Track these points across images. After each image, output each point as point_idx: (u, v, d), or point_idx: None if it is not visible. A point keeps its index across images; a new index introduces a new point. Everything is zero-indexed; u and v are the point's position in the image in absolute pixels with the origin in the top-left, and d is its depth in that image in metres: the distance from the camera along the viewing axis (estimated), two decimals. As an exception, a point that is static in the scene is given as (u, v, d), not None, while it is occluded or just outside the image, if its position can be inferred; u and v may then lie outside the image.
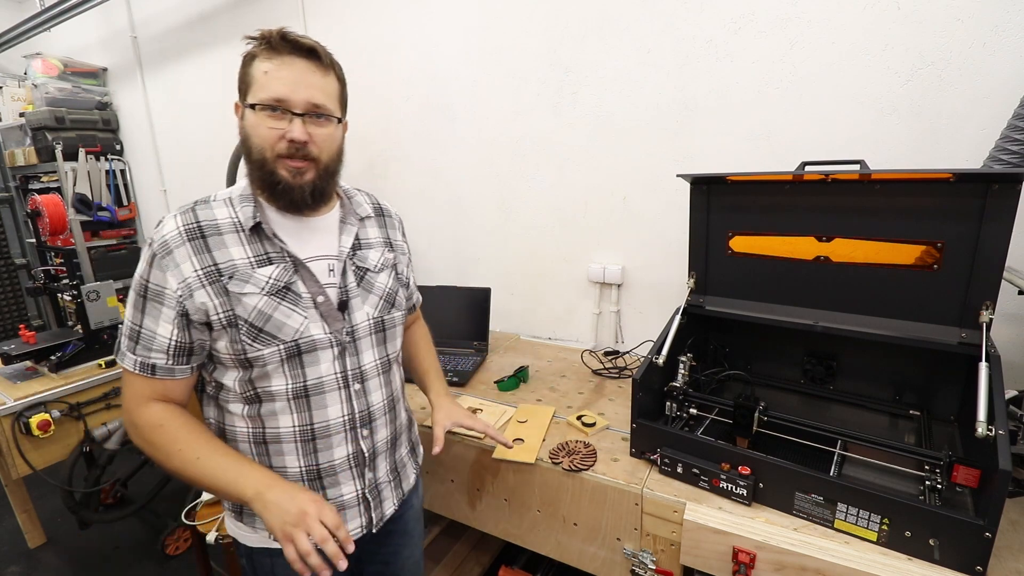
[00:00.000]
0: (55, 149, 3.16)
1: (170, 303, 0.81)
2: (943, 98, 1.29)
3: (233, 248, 0.83)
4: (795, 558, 0.90)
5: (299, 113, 0.82)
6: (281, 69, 0.81)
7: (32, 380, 1.98)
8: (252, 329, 0.82)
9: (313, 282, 0.88)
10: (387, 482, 1.01)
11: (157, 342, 0.82)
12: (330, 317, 0.89)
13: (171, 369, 0.84)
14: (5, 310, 3.80)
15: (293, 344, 0.85)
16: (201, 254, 0.81)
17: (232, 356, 0.84)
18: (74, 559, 2.17)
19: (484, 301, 1.89)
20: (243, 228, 0.84)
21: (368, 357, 0.94)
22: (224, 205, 0.86)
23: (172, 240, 0.81)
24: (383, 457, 0.99)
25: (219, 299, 0.81)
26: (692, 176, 1.26)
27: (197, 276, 0.80)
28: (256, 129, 0.82)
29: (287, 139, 0.81)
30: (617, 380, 1.62)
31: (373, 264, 0.97)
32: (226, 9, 2.65)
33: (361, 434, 0.94)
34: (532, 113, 1.89)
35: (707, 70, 1.56)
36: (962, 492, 0.95)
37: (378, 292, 0.97)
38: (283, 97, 0.81)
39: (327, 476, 0.92)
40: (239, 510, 0.95)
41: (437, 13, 2.00)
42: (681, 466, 1.08)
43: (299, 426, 0.88)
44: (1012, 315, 1.30)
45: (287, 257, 0.86)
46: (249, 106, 0.82)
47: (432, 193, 2.22)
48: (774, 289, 1.27)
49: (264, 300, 0.83)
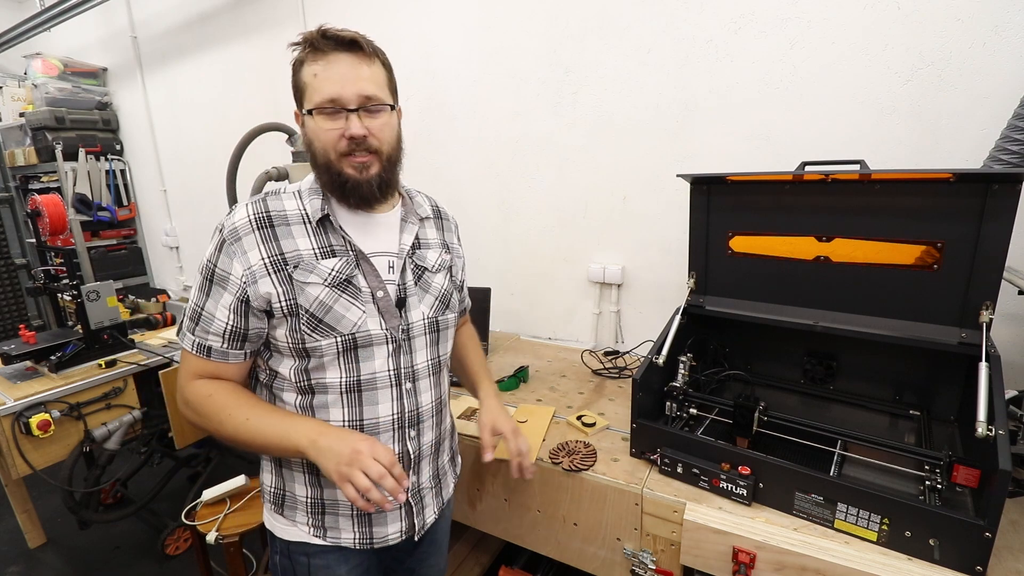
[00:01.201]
0: (55, 149, 3.16)
1: (232, 288, 0.82)
2: (943, 98, 1.29)
3: (300, 239, 0.85)
4: (795, 558, 0.90)
5: (353, 108, 0.82)
6: (329, 68, 0.82)
7: (32, 380, 1.98)
8: (312, 319, 0.84)
9: (374, 277, 0.89)
10: (429, 488, 0.99)
11: (215, 325, 0.84)
12: (388, 313, 0.89)
13: (225, 353, 0.86)
14: (5, 310, 3.80)
15: (350, 337, 0.86)
16: (269, 242, 0.83)
17: (290, 345, 0.85)
18: (74, 559, 2.17)
19: (484, 301, 1.89)
20: (310, 220, 0.86)
21: (421, 357, 0.94)
22: (293, 197, 0.88)
23: (242, 228, 0.83)
24: (427, 461, 0.98)
25: (283, 287, 0.83)
26: (692, 176, 1.26)
27: (263, 263, 0.82)
28: (316, 133, 0.83)
29: (346, 136, 0.82)
30: (617, 380, 1.62)
31: (431, 264, 0.98)
32: (226, 9, 2.65)
33: (409, 435, 0.93)
34: (532, 113, 1.89)
35: (707, 70, 1.56)
36: (962, 492, 0.95)
37: (434, 292, 0.97)
38: (335, 96, 0.81)
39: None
40: (280, 501, 0.94)
41: (437, 13, 2.00)
42: (681, 466, 1.08)
43: (348, 421, 0.88)
44: (1012, 315, 1.30)
45: (351, 251, 0.88)
46: (307, 112, 0.84)
47: (432, 193, 2.20)
48: (774, 289, 1.27)
49: (326, 291, 0.84)
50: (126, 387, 2.06)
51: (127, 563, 2.13)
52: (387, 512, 0.93)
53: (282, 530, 0.95)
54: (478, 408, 1.15)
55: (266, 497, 0.98)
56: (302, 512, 0.93)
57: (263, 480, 0.99)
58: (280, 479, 0.94)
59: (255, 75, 2.65)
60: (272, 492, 0.96)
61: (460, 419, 1.39)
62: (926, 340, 1.10)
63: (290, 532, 0.94)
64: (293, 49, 0.86)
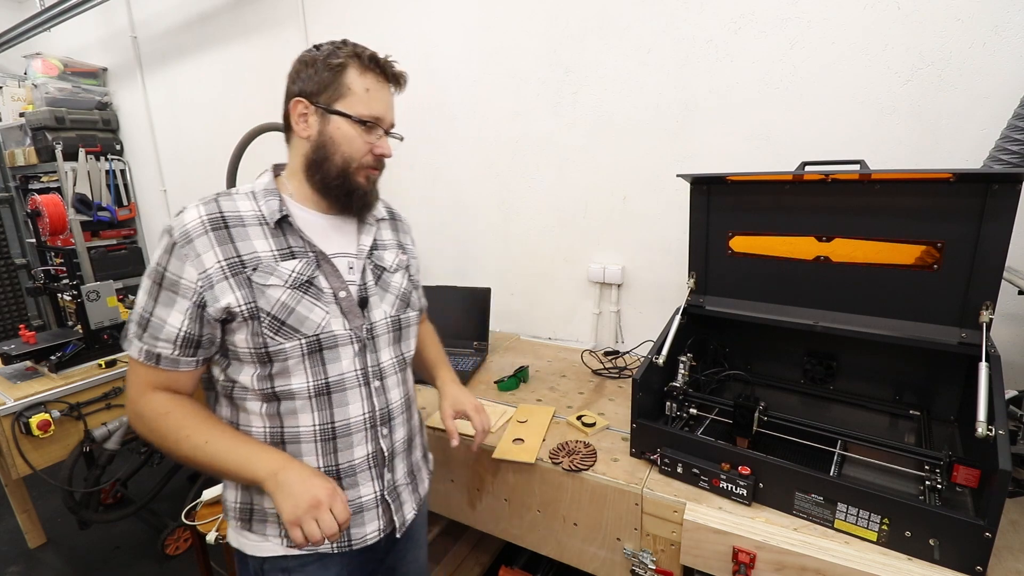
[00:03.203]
0: (55, 149, 3.16)
1: (186, 293, 0.80)
2: (943, 98, 1.29)
3: (257, 241, 0.84)
4: (795, 558, 0.90)
5: (386, 132, 0.91)
6: (381, 91, 0.89)
7: (32, 380, 1.98)
8: (275, 322, 0.82)
9: (336, 277, 0.89)
10: (405, 484, 1.00)
11: (165, 331, 0.80)
12: (351, 313, 0.90)
13: (176, 360, 0.82)
14: (5, 310, 3.80)
15: (315, 339, 0.85)
16: (224, 245, 0.81)
17: (252, 350, 0.83)
18: (74, 559, 2.17)
19: (484, 301, 1.89)
20: (267, 221, 0.85)
21: (386, 355, 0.95)
22: (247, 198, 0.87)
23: (193, 229, 0.80)
24: (401, 458, 0.99)
25: (242, 291, 0.81)
26: (692, 176, 1.26)
27: (220, 267, 0.80)
28: (351, 141, 0.87)
29: (375, 153, 0.90)
30: (617, 380, 1.62)
31: (389, 264, 0.99)
32: (226, 9, 2.65)
33: (381, 432, 0.94)
34: (532, 113, 1.89)
35: (707, 70, 1.56)
36: (962, 492, 0.95)
37: (394, 291, 0.98)
38: (381, 116, 0.89)
39: (346, 476, 0.91)
40: (248, 518, 0.91)
41: (437, 13, 2.00)
42: (681, 466, 1.08)
43: (320, 424, 0.88)
44: (1012, 315, 1.30)
45: (310, 252, 0.87)
46: (340, 114, 0.86)
47: (432, 193, 2.22)
48: (774, 289, 1.27)
49: (287, 293, 0.83)
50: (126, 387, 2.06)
51: (127, 563, 2.13)
52: (364, 512, 0.93)
53: (254, 547, 0.91)
54: (439, 396, 1.16)
55: (231, 515, 0.93)
56: (273, 524, 0.90)
57: (226, 497, 0.94)
58: (247, 493, 0.91)
59: (255, 75, 2.66)
60: (238, 508, 0.92)
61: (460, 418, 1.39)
62: (926, 340, 1.10)
63: (263, 548, 0.91)
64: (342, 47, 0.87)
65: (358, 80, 0.86)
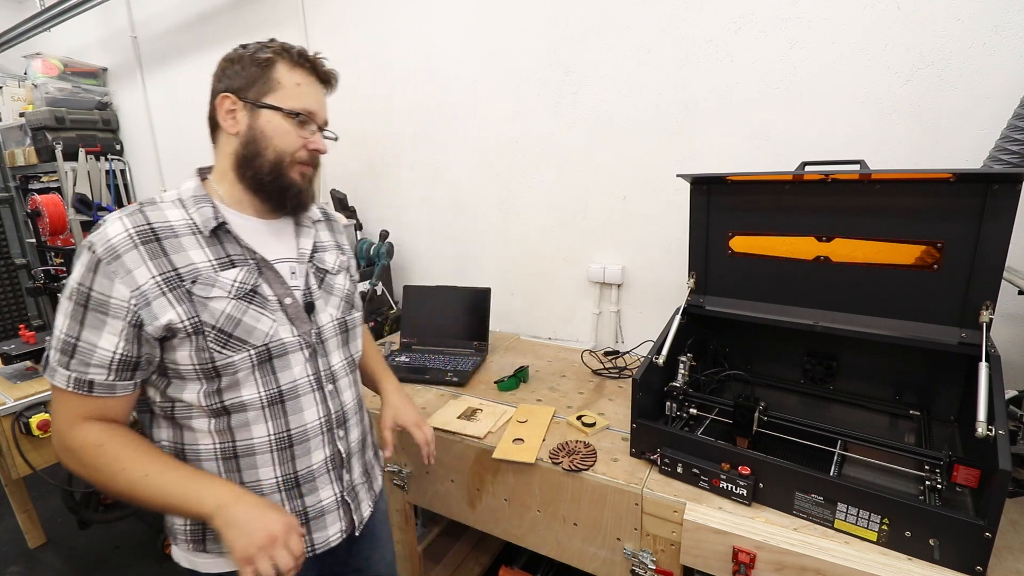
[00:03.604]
0: (55, 149, 3.16)
1: (118, 313, 0.74)
2: (943, 98, 1.29)
3: (192, 251, 0.79)
4: (795, 558, 0.90)
5: (320, 128, 0.90)
6: (312, 86, 0.87)
7: (32, 380, 1.98)
8: (221, 335, 0.79)
9: (279, 284, 0.87)
10: (362, 483, 1.01)
11: (97, 356, 0.74)
12: (298, 319, 0.87)
13: (112, 386, 0.77)
14: (5, 310, 3.80)
15: (264, 348, 0.82)
16: (157, 259, 0.76)
17: (197, 366, 0.78)
18: (74, 559, 2.17)
19: (484, 301, 1.89)
20: (201, 230, 0.81)
21: (336, 358, 0.94)
22: (175, 206, 0.82)
23: (120, 244, 0.74)
24: (357, 458, 0.99)
25: (182, 306, 0.76)
26: (692, 176, 1.26)
27: (155, 283, 0.75)
28: (283, 135, 0.84)
29: (309, 148, 0.87)
30: (617, 380, 1.62)
31: (331, 266, 0.98)
32: (226, 9, 2.65)
33: (338, 435, 0.93)
34: (532, 113, 1.89)
35: (707, 70, 1.56)
36: (962, 492, 0.95)
37: (339, 293, 0.98)
38: (314, 111, 0.87)
39: (306, 483, 0.89)
40: (200, 537, 0.87)
41: (437, 13, 2.00)
42: (681, 466, 1.08)
43: (275, 434, 0.85)
44: (1012, 315, 1.30)
45: (251, 260, 0.84)
46: (270, 107, 0.83)
47: (432, 193, 2.22)
48: (774, 289, 1.27)
49: (232, 304, 0.80)
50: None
51: (127, 563, 2.13)
52: (326, 515, 0.92)
53: (208, 565, 0.88)
54: (381, 404, 1.16)
55: (180, 538, 0.89)
56: None
57: (174, 520, 0.89)
58: None
59: (255, 75, 2.65)
60: (189, 531, 0.88)
61: (460, 419, 1.39)
62: (926, 340, 1.10)
63: (218, 564, 0.88)
64: (269, 44, 0.85)
65: (288, 75, 0.84)
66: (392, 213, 2.34)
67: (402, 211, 2.32)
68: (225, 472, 0.85)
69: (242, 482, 0.85)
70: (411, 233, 2.32)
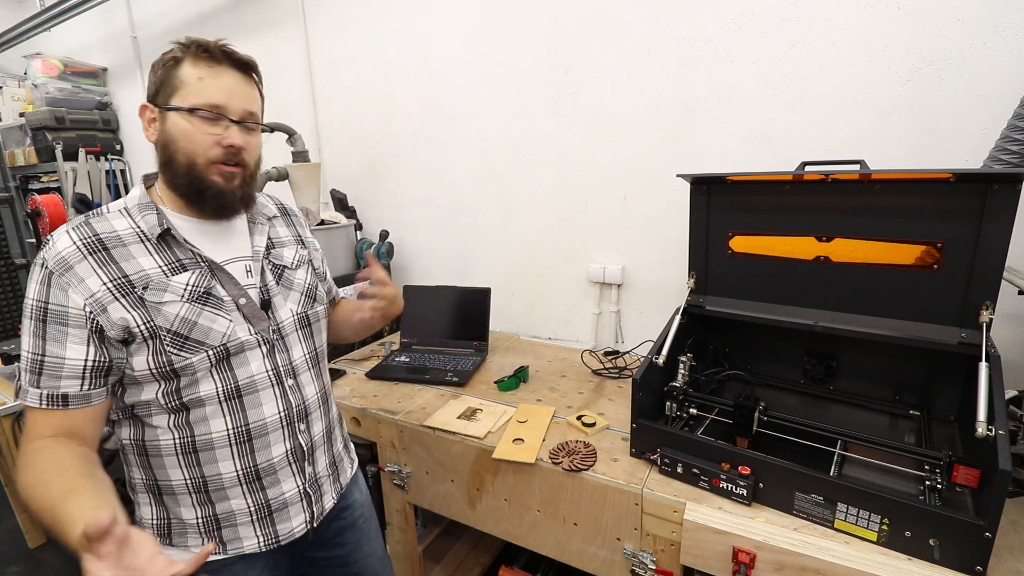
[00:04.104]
0: (55, 149, 3.16)
1: (77, 321, 0.75)
2: (943, 98, 1.29)
3: (142, 258, 0.80)
4: (795, 558, 0.90)
5: (236, 120, 0.83)
6: (218, 78, 0.82)
7: (32, 380, 1.98)
8: (177, 338, 0.79)
9: (232, 285, 0.87)
10: (326, 476, 1.01)
11: (67, 367, 0.75)
12: (255, 318, 0.88)
13: (87, 395, 0.77)
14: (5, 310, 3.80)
15: (222, 348, 0.83)
16: (107, 266, 0.77)
17: (155, 369, 0.79)
18: (74, 559, 2.14)
19: (484, 301, 1.89)
20: (148, 238, 0.81)
21: (297, 352, 0.95)
22: (121, 216, 0.82)
23: (70, 256, 0.75)
24: (321, 451, 1.00)
25: (136, 311, 0.77)
26: (692, 176, 1.26)
27: (107, 289, 0.76)
28: (189, 136, 0.81)
29: (223, 145, 0.82)
30: (617, 380, 1.62)
31: (290, 261, 0.98)
32: (226, 9, 2.65)
33: (299, 428, 0.94)
34: (532, 113, 1.89)
35: (707, 70, 1.56)
36: (962, 492, 0.95)
37: (299, 288, 0.97)
38: (221, 104, 0.81)
39: (267, 476, 0.90)
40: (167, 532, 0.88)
41: (437, 13, 2.00)
42: (681, 466, 1.08)
43: (234, 428, 0.86)
44: (1012, 315, 1.30)
45: (201, 262, 0.85)
46: (175, 109, 0.81)
47: (432, 193, 2.22)
48: (774, 289, 1.27)
49: (186, 307, 0.80)
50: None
51: (127, 563, 2.13)
52: (289, 507, 0.93)
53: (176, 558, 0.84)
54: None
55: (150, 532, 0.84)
56: (194, 535, 0.88)
57: (142, 516, 0.90)
58: (163, 508, 0.88)
59: (255, 75, 2.65)
60: (156, 525, 0.89)
61: (460, 419, 1.39)
62: (926, 340, 1.10)
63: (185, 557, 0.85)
64: (173, 46, 0.82)
65: (191, 71, 0.80)
66: (392, 213, 2.34)
67: (402, 211, 2.32)
68: (187, 466, 0.86)
69: (203, 476, 0.86)
70: (411, 233, 2.32)
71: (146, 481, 0.89)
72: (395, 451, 1.45)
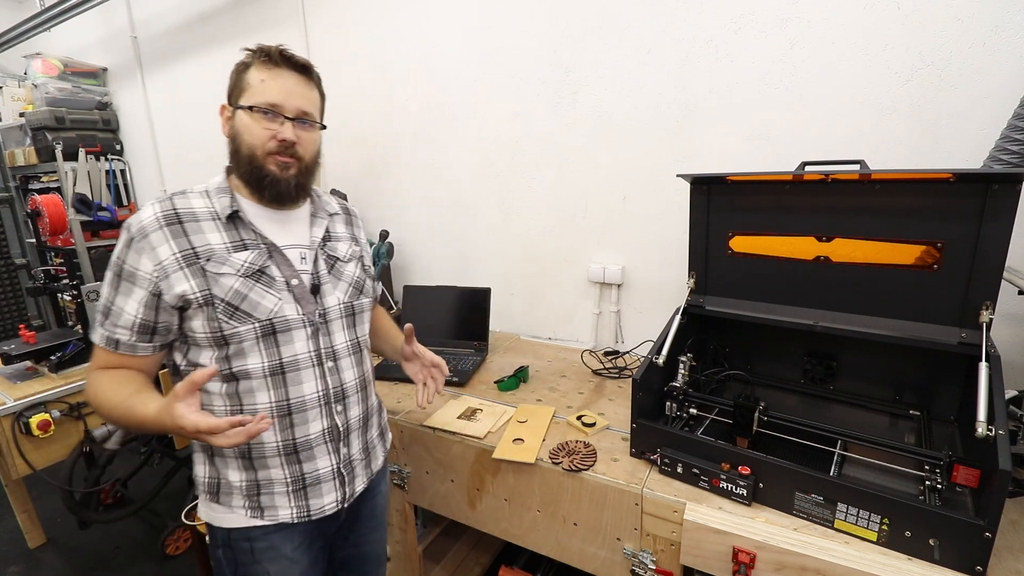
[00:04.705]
0: (55, 149, 3.16)
1: (142, 283, 0.87)
2: (943, 98, 1.29)
3: (210, 234, 0.91)
4: (795, 558, 0.90)
5: (290, 118, 0.93)
6: (277, 80, 0.92)
7: (32, 380, 1.98)
8: (228, 307, 0.89)
9: (287, 267, 0.96)
10: (360, 460, 1.07)
11: (124, 318, 0.88)
12: (303, 299, 0.96)
13: (133, 346, 0.90)
14: (5, 310, 3.80)
15: (267, 323, 0.91)
16: (178, 238, 0.88)
17: (208, 334, 0.89)
18: (74, 559, 2.17)
19: (484, 301, 1.89)
20: (219, 216, 0.92)
21: (340, 338, 1.02)
22: (201, 196, 0.94)
23: (149, 225, 0.88)
24: (356, 435, 1.05)
25: (196, 280, 0.87)
26: (692, 176, 1.26)
27: (175, 258, 0.87)
28: (249, 128, 0.92)
29: (278, 139, 0.92)
30: (617, 380, 1.62)
31: (342, 254, 1.06)
32: (226, 9, 2.65)
33: (335, 409, 1.00)
34: (532, 113, 1.89)
35: (707, 70, 1.56)
36: (962, 492, 0.95)
37: (347, 279, 1.05)
38: (277, 103, 0.92)
39: (303, 450, 0.97)
40: (215, 490, 0.97)
41: (437, 13, 2.00)
42: (681, 466, 1.08)
43: (275, 402, 0.93)
44: (1012, 315, 1.30)
45: (262, 244, 0.94)
46: (241, 107, 0.92)
47: (432, 193, 2.22)
48: (774, 289, 1.27)
49: (240, 281, 0.90)
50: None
51: (127, 563, 2.13)
52: (322, 483, 0.99)
53: (220, 518, 0.98)
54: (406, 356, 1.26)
55: (201, 489, 1.00)
56: (238, 496, 0.96)
57: (196, 473, 1.01)
58: (214, 468, 0.98)
59: (255, 75, 2.65)
60: (207, 482, 0.99)
61: (460, 419, 1.39)
62: (926, 340, 1.10)
63: (228, 519, 0.97)
64: (245, 54, 0.94)
65: (255, 74, 0.92)
66: (392, 213, 2.34)
67: (402, 211, 2.32)
68: None
69: (247, 443, 0.92)
70: (411, 233, 2.32)
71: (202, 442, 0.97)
72: (395, 451, 1.45)
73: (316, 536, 1.04)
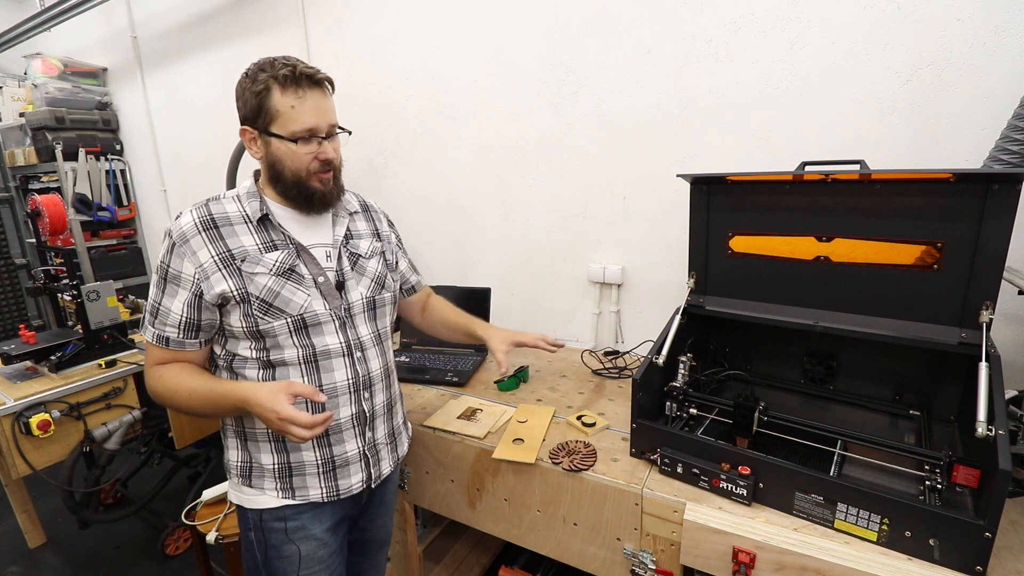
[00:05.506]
0: (55, 149, 3.16)
1: (186, 285, 0.95)
2: (943, 98, 1.29)
3: (244, 236, 0.97)
4: (795, 558, 0.90)
5: (324, 136, 0.98)
6: (304, 102, 0.95)
7: (32, 380, 1.98)
8: (263, 304, 0.96)
9: (314, 265, 1.02)
10: (385, 444, 1.14)
11: (171, 318, 0.96)
12: (329, 295, 1.02)
13: (181, 342, 0.98)
14: (5, 310, 3.80)
15: (299, 317, 0.98)
16: (216, 242, 0.95)
17: (245, 329, 0.97)
18: (74, 559, 2.17)
19: (484, 301, 1.89)
20: (251, 220, 0.99)
21: (364, 330, 1.08)
22: (233, 201, 1.01)
23: (189, 231, 0.95)
24: (381, 420, 1.12)
25: (233, 279, 0.95)
26: (692, 176, 1.26)
27: (213, 261, 0.94)
28: (292, 157, 0.97)
29: (320, 159, 0.98)
30: (617, 380, 1.62)
31: (364, 251, 1.11)
32: (226, 9, 2.65)
33: (363, 396, 1.07)
34: (532, 113, 1.89)
35: (707, 70, 1.56)
36: (962, 492, 0.95)
37: (370, 275, 1.10)
38: (314, 126, 0.96)
39: (333, 434, 1.04)
40: (247, 473, 1.04)
41: (437, 13, 2.00)
42: (681, 466, 1.08)
43: None
44: (1012, 315, 1.30)
45: (291, 244, 1.00)
46: (279, 136, 0.95)
47: (432, 193, 2.22)
48: (774, 289, 1.27)
49: (273, 279, 0.97)
50: (126, 387, 2.06)
51: (127, 563, 2.13)
52: (349, 465, 1.07)
53: (252, 500, 1.04)
54: (485, 339, 1.33)
55: (233, 473, 1.07)
56: (270, 479, 1.03)
57: (228, 459, 1.08)
58: (246, 452, 1.05)
59: (255, 75, 2.65)
60: (239, 467, 1.06)
61: (460, 419, 1.39)
62: (926, 340, 1.10)
63: (260, 500, 1.04)
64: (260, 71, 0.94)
65: (281, 100, 0.94)
66: (392, 212, 2.32)
67: (402, 211, 2.31)
68: None
69: None
70: (411, 233, 2.32)
71: (235, 428, 1.06)
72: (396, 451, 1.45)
73: (342, 519, 1.11)
